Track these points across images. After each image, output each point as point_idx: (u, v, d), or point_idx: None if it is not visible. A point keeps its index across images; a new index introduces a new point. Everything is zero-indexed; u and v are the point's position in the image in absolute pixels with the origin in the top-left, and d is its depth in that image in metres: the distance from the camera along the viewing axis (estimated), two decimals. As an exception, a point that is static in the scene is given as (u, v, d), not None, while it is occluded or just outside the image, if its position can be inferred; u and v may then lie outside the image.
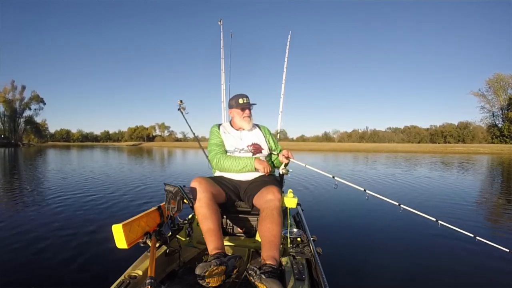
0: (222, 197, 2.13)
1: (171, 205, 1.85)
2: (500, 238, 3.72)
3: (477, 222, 4.52)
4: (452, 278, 2.76)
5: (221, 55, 3.69)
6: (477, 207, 5.80)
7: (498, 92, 55.48)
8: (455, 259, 3.16)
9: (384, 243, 3.74)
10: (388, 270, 2.96)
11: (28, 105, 71.08)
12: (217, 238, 1.80)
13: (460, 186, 8.62)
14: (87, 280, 2.63)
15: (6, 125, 69.25)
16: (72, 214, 4.90)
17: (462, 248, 3.33)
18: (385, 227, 4.37)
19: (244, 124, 2.39)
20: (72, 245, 3.47)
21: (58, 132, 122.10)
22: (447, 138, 79.73)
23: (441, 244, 3.52)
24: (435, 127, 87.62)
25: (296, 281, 1.62)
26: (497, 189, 8.56)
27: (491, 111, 58.39)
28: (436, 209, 5.34)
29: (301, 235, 2.16)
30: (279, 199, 1.92)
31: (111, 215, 4.85)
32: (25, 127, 73.66)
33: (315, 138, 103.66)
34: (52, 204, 5.68)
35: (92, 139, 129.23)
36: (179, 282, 1.72)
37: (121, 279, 1.56)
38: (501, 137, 55.66)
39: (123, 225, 1.56)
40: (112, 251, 2.80)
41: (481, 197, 7.07)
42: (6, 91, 66.66)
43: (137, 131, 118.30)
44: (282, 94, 3.73)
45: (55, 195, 6.54)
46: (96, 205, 5.59)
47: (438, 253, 3.33)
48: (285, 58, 3.87)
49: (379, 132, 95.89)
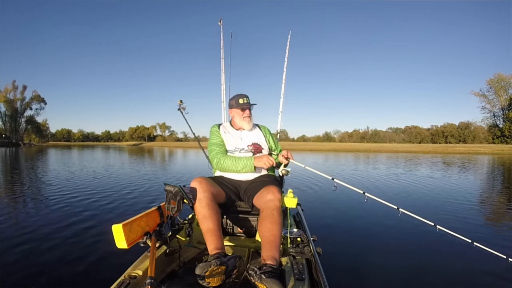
0: (222, 197, 2.12)
1: (171, 205, 1.84)
2: (499, 244, 3.70)
3: (477, 226, 4.49)
4: (449, 281, 2.75)
5: (221, 55, 3.69)
6: (477, 210, 5.74)
7: (499, 92, 55.43)
8: (453, 263, 3.15)
9: (384, 243, 3.73)
10: (387, 270, 2.96)
11: (29, 105, 71.48)
12: (217, 238, 1.80)
13: (460, 187, 8.59)
14: (87, 280, 2.63)
15: (7, 124, 69.50)
16: (72, 213, 4.90)
17: (459, 252, 3.33)
18: (385, 227, 4.36)
19: (244, 124, 2.39)
20: (72, 245, 3.47)
21: (59, 132, 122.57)
22: (448, 138, 79.69)
23: (440, 246, 3.52)
24: (436, 127, 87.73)
25: (296, 281, 1.61)
26: (497, 191, 8.52)
27: (492, 111, 58.37)
28: (435, 211, 5.32)
29: (301, 235, 2.16)
30: (279, 199, 1.92)
31: (111, 215, 4.85)
32: (26, 126, 73.92)
33: (316, 138, 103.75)
34: (52, 203, 5.68)
35: (93, 139, 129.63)
36: (179, 282, 1.72)
37: (121, 279, 1.56)
38: (502, 138, 55.57)
39: (123, 225, 1.56)
40: (112, 251, 2.78)
41: (481, 199, 7.03)
42: (7, 91, 67.05)
43: (138, 131, 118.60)
44: (282, 94, 3.73)
45: (55, 195, 6.55)
46: (96, 205, 5.58)
47: (437, 255, 3.33)
48: (285, 58, 3.87)
49: (380, 132, 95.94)
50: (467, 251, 3.29)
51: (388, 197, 5.96)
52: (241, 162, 2.21)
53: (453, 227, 2.45)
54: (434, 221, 2.41)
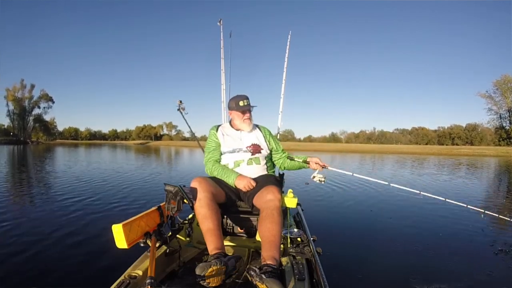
0: (222, 197, 2.13)
1: (171, 205, 1.85)
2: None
3: (476, 230, 4.45)
4: (449, 281, 2.73)
5: (221, 55, 3.68)
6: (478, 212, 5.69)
7: (505, 93, 54.22)
8: (453, 263, 3.14)
9: (384, 243, 3.73)
10: (387, 270, 2.96)
11: (37, 104, 72.14)
12: (217, 238, 1.81)
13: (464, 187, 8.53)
14: (87, 280, 2.65)
15: (15, 123, 70.32)
16: (73, 213, 4.94)
17: (459, 252, 3.33)
18: (385, 227, 4.36)
19: (244, 127, 2.38)
20: (72, 245, 3.49)
21: (67, 130, 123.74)
22: (455, 140, 78.77)
23: (440, 246, 3.51)
24: (443, 128, 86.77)
25: (296, 281, 1.61)
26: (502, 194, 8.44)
27: (498, 113, 57.27)
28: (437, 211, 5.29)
29: (301, 235, 2.15)
30: (279, 199, 1.92)
31: (111, 215, 4.88)
32: (34, 125, 74.62)
33: (322, 139, 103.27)
34: (52, 203, 5.74)
35: (100, 138, 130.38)
36: (179, 282, 1.73)
37: (121, 279, 1.56)
38: (508, 140, 54.62)
39: (123, 225, 1.57)
40: (112, 251, 2.79)
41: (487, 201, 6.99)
42: (16, 89, 67.73)
43: (144, 130, 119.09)
44: (282, 94, 3.72)
45: (56, 194, 6.63)
46: (96, 205, 5.61)
47: (437, 255, 3.32)
48: (285, 58, 3.85)
49: (386, 133, 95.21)
50: (467, 251, 3.29)
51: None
52: (224, 175, 2.22)
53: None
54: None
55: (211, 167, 2.31)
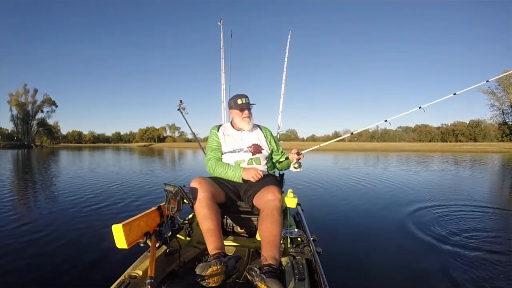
0: (222, 197, 2.13)
1: (171, 205, 1.85)
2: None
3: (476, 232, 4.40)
4: (449, 281, 2.71)
5: (221, 55, 3.67)
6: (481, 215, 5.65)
7: (508, 89, 53.76)
8: (453, 263, 3.11)
9: (384, 243, 3.70)
10: (388, 270, 2.93)
11: (41, 108, 72.52)
12: (217, 238, 1.81)
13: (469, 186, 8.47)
14: (87, 280, 2.64)
15: (19, 127, 70.85)
16: (73, 213, 4.94)
17: (459, 252, 3.28)
18: (385, 227, 4.33)
19: (244, 125, 2.39)
20: (72, 245, 3.49)
21: (70, 134, 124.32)
22: (458, 137, 78.35)
23: (440, 246, 3.48)
24: (446, 125, 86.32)
25: (296, 281, 1.61)
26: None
27: (501, 109, 56.75)
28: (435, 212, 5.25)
29: (301, 235, 2.15)
30: (279, 199, 1.92)
31: (111, 215, 4.88)
32: (38, 129, 75.08)
33: (326, 138, 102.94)
34: (52, 203, 5.78)
35: (103, 140, 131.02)
36: (179, 282, 1.73)
37: (121, 279, 1.57)
38: (510, 135, 54.26)
39: (123, 225, 1.57)
40: (112, 251, 2.79)
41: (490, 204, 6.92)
42: (19, 94, 68.14)
43: (148, 132, 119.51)
44: (282, 94, 3.71)
45: (56, 194, 6.68)
46: (97, 205, 5.61)
47: (437, 256, 3.28)
48: (285, 58, 3.84)
49: (390, 131, 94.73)
50: (466, 250, 3.26)
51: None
52: (229, 172, 2.22)
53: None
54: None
55: (214, 165, 2.30)
